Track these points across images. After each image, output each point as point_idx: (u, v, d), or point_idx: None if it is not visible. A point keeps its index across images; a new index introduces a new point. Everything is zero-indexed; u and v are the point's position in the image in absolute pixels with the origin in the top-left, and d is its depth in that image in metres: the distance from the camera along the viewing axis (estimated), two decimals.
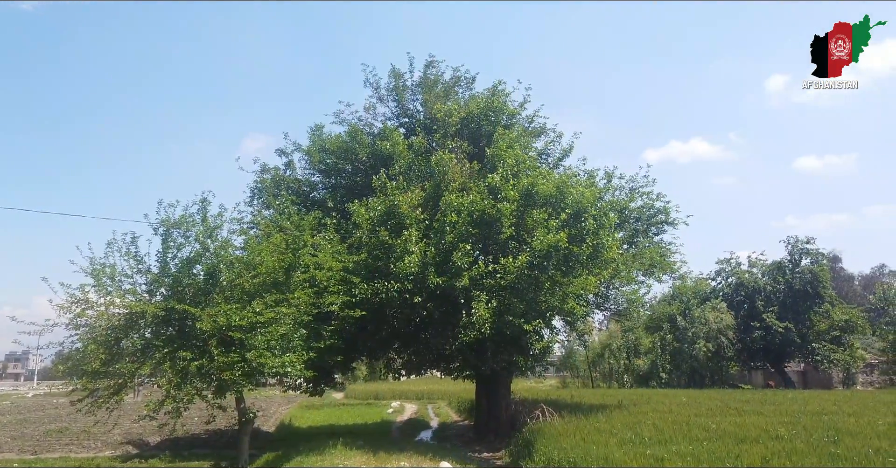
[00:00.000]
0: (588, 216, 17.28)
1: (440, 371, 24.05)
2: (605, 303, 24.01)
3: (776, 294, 44.07)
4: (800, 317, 42.77)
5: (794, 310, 42.98)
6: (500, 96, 20.44)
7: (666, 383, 42.29)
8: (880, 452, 11.49)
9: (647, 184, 23.43)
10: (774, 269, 45.08)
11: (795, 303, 43.29)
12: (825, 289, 43.65)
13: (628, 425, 16.41)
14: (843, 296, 54.27)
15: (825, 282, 43.98)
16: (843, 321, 42.97)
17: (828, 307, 43.38)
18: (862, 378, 46.70)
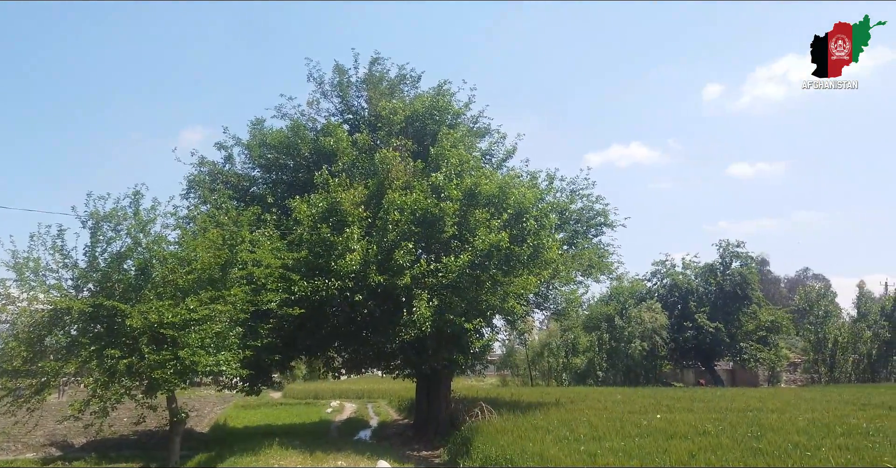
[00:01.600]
0: (529, 217, 17.53)
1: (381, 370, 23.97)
2: (544, 302, 24.39)
3: (708, 295, 45.68)
4: (729, 318, 44.44)
5: (724, 311, 44.63)
6: (446, 96, 20.49)
7: (602, 381, 43.28)
8: (799, 447, 12.03)
9: (587, 186, 23.95)
10: (706, 272, 46.70)
11: (726, 304, 44.96)
12: (753, 291, 45.49)
13: (564, 422, 16.71)
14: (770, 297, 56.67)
15: (753, 284, 45.84)
16: (770, 322, 44.87)
17: (755, 308, 45.21)
18: (786, 376, 48.94)
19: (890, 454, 10.97)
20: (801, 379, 49.38)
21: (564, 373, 44.62)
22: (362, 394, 39.95)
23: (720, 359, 47.55)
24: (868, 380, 45.40)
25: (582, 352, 44.79)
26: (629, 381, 42.80)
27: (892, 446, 11.85)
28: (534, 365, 46.37)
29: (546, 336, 45.16)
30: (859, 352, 47.46)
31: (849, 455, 11.07)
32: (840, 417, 17.21)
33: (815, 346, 47.94)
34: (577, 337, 44.45)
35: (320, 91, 21.54)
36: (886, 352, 47.27)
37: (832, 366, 47.44)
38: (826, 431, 14.34)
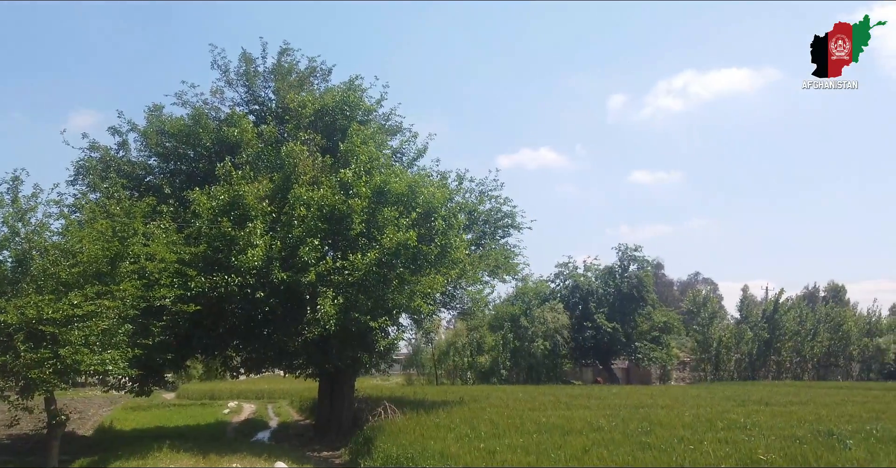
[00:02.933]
0: (438, 216, 17.59)
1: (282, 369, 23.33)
2: (451, 302, 24.57)
3: (607, 296, 47.54)
4: (626, 319, 46.44)
5: (621, 312, 46.58)
6: (357, 91, 20.21)
7: (506, 380, 44.17)
8: (683, 441, 12.72)
9: (496, 188, 24.34)
10: (606, 274, 48.60)
11: (623, 305, 46.95)
12: (649, 294, 47.76)
13: (466, 420, 16.91)
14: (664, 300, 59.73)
15: (649, 286, 48.12)
16: (662, 323, 47.27)
17: (650, 309, 47.48)
18: (675, 374, 51.71)
19: (763, 446, 11.77)
20: (689, 377, 52.32)
21: (469, 372, 45.19)
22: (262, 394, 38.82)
23: (616, 358, 49.63)
24: (749, 378, 48.69)
25: (487, 351, 45.51)
26: (531, 380, 43.92)
27: (766, 439, 12.73)
28: (440, 364, 46.68)
29: (452, 335, 45.56)
30: (741, 352, 50.84)
31: (727, 448, 11.78)
32: (722, 413, 18.36)
33: (702, 346, 50.95)
34: (482, 336, 45.13)
35: (225, 79, 20.72)
36: (765, 352, 50.89)
37: (717, 364, 50.59)
38: (708, 426, 15.24)
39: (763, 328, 50.65)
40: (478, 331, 44.67)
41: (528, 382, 42.57)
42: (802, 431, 13.83)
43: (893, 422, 15.10)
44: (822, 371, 52.02)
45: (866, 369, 51.88)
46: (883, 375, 50.15)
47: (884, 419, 15.95)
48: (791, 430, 14.04)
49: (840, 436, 12.73)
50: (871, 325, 54.06)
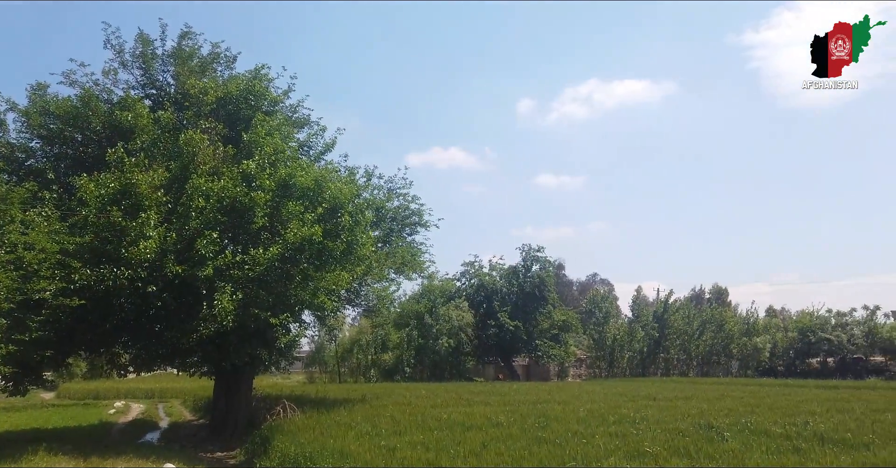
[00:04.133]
0: (345, 212, 17.33)
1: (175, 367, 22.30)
2: (356, 298, 24.37)
3: (510, 295, 48.60)
4: (528, 317, 47.63)
5: (523, 311, 47.74)
6: (263, 80, 19.56)
7: (410, 377, 44.28)
8: (577, 434, 13.20)
9: (404, 185, 24.35)
10: (510, 273, 49.66)
11: (525, 304, 48.14)
12: (550, 293, 49.21)
13: (368, 418, 16.87)
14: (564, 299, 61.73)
15: (550, 286, 49.59)
16: (562, 321, 48.84)
17: (550, 308, 48.93)
18: (573, 371, 53.61)
19: (650, 439, 12.39)
20: (585, 373, 54.39)
21: (373, 370, 44.95)
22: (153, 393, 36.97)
23: (518, 356, 50.84)
24: (640, 375, 51.20)
25: (392, 349, 45.45)
26: (435, 377, 44.26)
27: (652, 432, 13.42)
28: (343, 361, 46.17)
29: (357, 332, 45.18)
30: (633, 350, 53.39)
31: (617, 441, 12.32)
32: (614, 408, 19.19)
33: (597, 344, 53.11)
34: (387, 333, 45.02)
35: (119, 60, 19.44)
36: (655, 350, 53.70)
37: (611, 361, 52.89)
38: (601, 420, 15.88)
39: (654, 327, 53.43)
40: (383, 328, 44.52)
41: (431, 380, 42.85)
42: (685, 424, 14.66)
43: (765, 416, 16.29)
44: (706, 368, 55.44)
45: (744, 366, 55.72)
46: (759, 372, 54.02)
47: (757, 413, 17.17)
48: (675, 424, 14.85)
49: (718, 429, 13.59)
50: (750, 326, 58.14)
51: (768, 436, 12.59)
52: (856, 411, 17.32)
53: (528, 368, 52.21)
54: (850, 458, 10.09)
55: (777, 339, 55.98)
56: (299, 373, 48.07)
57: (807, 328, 54.78)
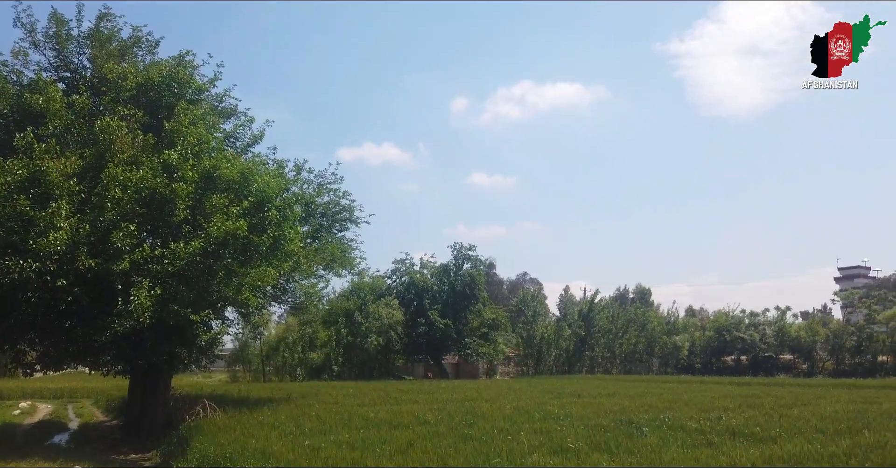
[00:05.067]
0: (272, 206, 16.91)
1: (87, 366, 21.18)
2: (283, 295, 23.82)
3: (441, 294, 48.69)
4: (458, 315, 47.87)
5: (454, 309, 47.93)
6: (188, 68, 18.76)
7: (338, 376, 43.75)
8: (503, 431, 13.30)
9: (335, 181, 24.05)
10: (441, 272, 49.76)
11: (456, 302, 48.33)
12: (480, 292, 49.59)
13: (292, 418, 16.53)
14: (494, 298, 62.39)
15: (481, 285, 49.98)
16: (492, 320, 49.33)
17: (480, 307, 49.32)
18: (501, 369, 54.29)
19: (573, 435, 12.62)
20: (513, 371, 55.16)
21: (300, 368, 44.11)
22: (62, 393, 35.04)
23: (448, 354, 51.06)
24: (566, 372, 52.32)
25: (320, 347, 44.75)
26: (364, 375, 43.87)
27: (576, 428, 13.67)
28: (268, 360, 45.11)
29: (283, 330, 44.22)
30: (560, 348, 54.53)
31: (542, 437, 12.48)
32: (539, 405, 19.49)
33: (526, 342, 53.96)
34: (315, 331, 44.26)
35: (30, 40, 18.23)
36: (581, 348, 55.01)
37: (538, 359, 53.83)
38: (527, 417, 16.07)
39: (580, 326, 54.72)
40: (310, 326, 43.74)
41: (360, 378, 42.47)
42: (607, 420, 15.01)
43: (682, 412, 16.88)
44: (629, 365, 57.24)
45: (665, 364, 57.85)
46: (678, 369, 56.16)
47: (675, 409, 17.78)
48: (598, 420, 15.18)
49: (638, 425, 13.98)
50: (671, 325, 60.44)
51: (684, 431, 13.03)
52: (765, 406, 18.19)
53: (457, 366, 52.50)
54: (758, 451, 10.54)
55: (695, 338, 58.36)
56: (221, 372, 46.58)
57: (723, 327, 57.35)
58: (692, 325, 61.80)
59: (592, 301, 56.80)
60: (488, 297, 52.61)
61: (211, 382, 39.89)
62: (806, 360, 53.45)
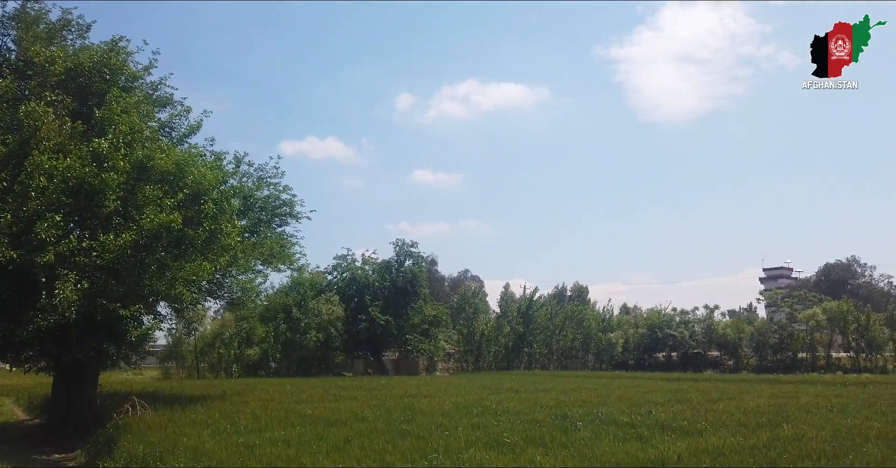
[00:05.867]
0: (209, 199, 16.44)
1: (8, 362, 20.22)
2: (219, 290, 23.24)
3: (382, 290, 48.49)
4: (399, 312, 47.77)
5: (395, 305, 47.81)
6: (121, 53, 18.00)
7: (275, 372, 43.02)
8: (441, 427, 13.38)
9: (276, 174, 23.60)
10: (383, 268, 49.54)
11: (397, 298, 48.22)
12: (422, 288, 49.62)
13: (227, 415, 16.22)
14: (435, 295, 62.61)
15: (423, 281, 50.01)
16: (432, 316, 49.43)
17: (422, 304, 49.37)
18: (441, 365, 54.50)
19: (509, 429, 12.83)
20: (453, 367, 55.47)
21: (236, 365, 43.13)
22: None
23: (388, 350, 50.92)
24: (505, 368, 52.97)
25: (257, 343, 43.89)
26: (302, 372, 43.29)
27: (512, 423, 13.91)
28: (203, 356, 43.94)
29: (219, 326, 43.14)
30: (500, 344, 55.16)
31: (479, 432, 12.64)
32: (478, 400, 19.70)
33: (466, 339, 54.36)
34: (252, 327, 43.36)
35: None
36: (520, 344, 55.80)
37: (478, 356, 54.31)
38: (465, 413, 16.24)
39: (519, 323, 55.48)
40: (248, 321, 42.82)
41: (298, 375, 41.89)
42: (543, 415, 15.31)
43: (615, 406, 17.38)
44: (565, 361, 58.39)
45: (600, 360, 59.28)
46: (612, 365, 57.65)
47: (608, 403, 18.28)
48: (534, 415, 15.47)
49: (572, 419, 14.32)
50: (606, 322, 61.97)
51: (616, 425, 13.41)
52: (693, 401, 18.90)
53: (397, 363, 52.42)
54: (684, 444, 10.94)
55: (629, 335, 60.01)
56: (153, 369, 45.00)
57: (655, 325, 59.16)
58: (626, 323, 63.52)
59: (532, 298, 57.66)
60: (430, 294, 52.71)
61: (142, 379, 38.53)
62: (732, 357, 55.66)
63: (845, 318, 49.76)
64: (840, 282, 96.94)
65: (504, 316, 57.79)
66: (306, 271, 45.73)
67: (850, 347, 49.88)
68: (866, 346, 48.69)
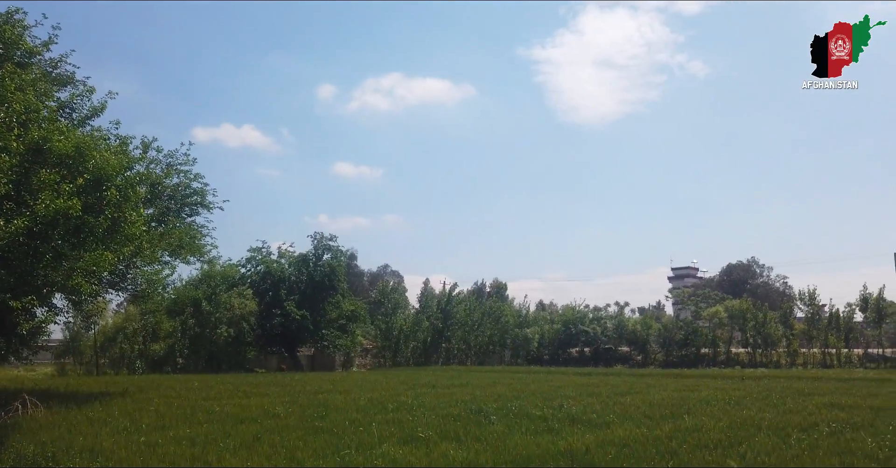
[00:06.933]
0: (112, 185, 15.55)
1: None
2: (122, 282, 22.07)
3: (299, 284, 47.49)
4: (316, 306, 46.94)
5: (312, 300, 46.94)
6: (17, 26, 16.74)
7: (182, 369, 41.34)
8: (355, 423, 13.22)
9: (187, 162, 22.65)
10: (300, 261, 48.52)
11: (314, 293, 47.33)
12: (340, 283, 48.92)
13: (128, 413, 15.55)
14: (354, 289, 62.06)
15: (341, 276, 49.30)
16: (350, 311, 48.87)
17: (339, 298, 48.70)
18: (358, 361, 54.01)
19: (423, 424, 12.81)
20: (370, 363, 55.12)
21: (139, 361, 41.09)
22: None
23: (303, 346, 49.94)
24: (422, 364, 53.08)
25: (163, 338, 41.98)
26: (211, 368, 41.81)
27: (427, 418, 13.91)
28: (104, 352, 41.59)
29: (122, 320, 40.93)
30: (418, 340, 55.23)
31: (393, 428, 12.56)
32: (394, 396, 19.61)
33: (384, 334, 54.10)
34: (159, 321, 41.42)
35: None
36: (438, 340, 56.06)
37: (396, 351, 54.19)
38: (380, 408, 16.12)
39: (438, 318, 55.74)
40: (154, 315, 40.88)
41: (207, 371, 40.41)
42: (458, 409, 15.40)
43: (529, 400, 17.70)
44: (483, 357, 59.16)
45: (516, 355, 60.43)
46: (528, 360, 58.90)
47: (522, 398, 18.61)
48: (449, 409, 15.54)
49: (486, 413, 14.47)
50: (522, 318, 63.22)
51: (529, 419, 13.65)
52: (602, 395, 19.52)
53: (313, 359, 51.56)
54: (593, 436, 11.26)
55: (545, 331, 61.46)
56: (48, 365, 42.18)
57: (570, 321, 60.88)
58: (542, 319, 65.03)
59: (451, 294, 58.04)
60: (348, 289, 52.08)
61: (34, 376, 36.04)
62: (640, 352, 58.00)
63: (745, 316, 52.78)
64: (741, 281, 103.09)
65: (423, 311, 57.89)
66: (218, 264, 44.12)
67: (748, 343, 52.94)
68: (762, 343, 51.82)
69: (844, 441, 10.62)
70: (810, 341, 51.46)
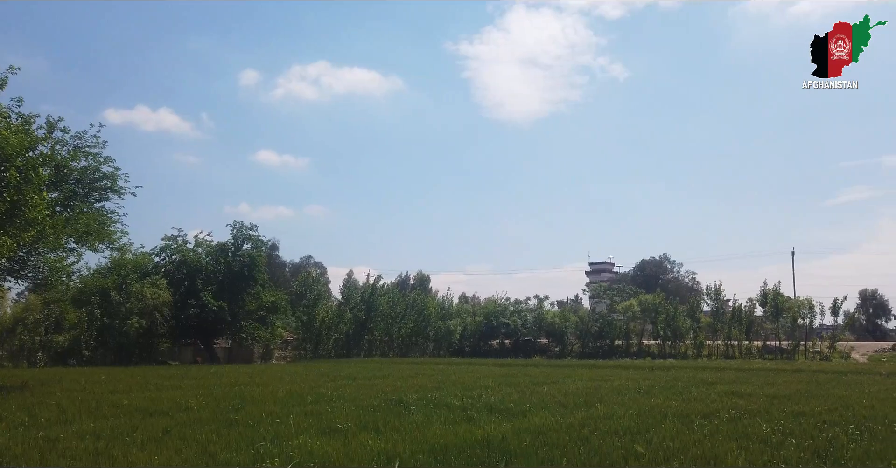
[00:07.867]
0: (12, 166, 14.60)
1: None
2: (22, 269, 20.78)
3: (217, 274, 46.06)
4: (234, 298, 45.67)
5: (230, 291, 45.64)
6: None
7: (89, 361, 39.35)
8: (272, 415, 12.95)
9: (96, 144, 21.54)
10: (218, 251, 47.06)
11: (233, 283, 46.06)
12: (260, 273, 47.77)
13: (25, 407, 14.70)
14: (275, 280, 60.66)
15: (261, 266, 48.14)
16: (270, 302, 47.85)
17: (259, 289, 47.57)
18: (278, 353, 52.97)
19: (342, 415, 12.71)
20: (290, 355, 54.14)
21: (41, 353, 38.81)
22: None
23: (220, 338, 48.51)
24: (344, 356, 52.64)
25: (68, 329, 39.80)
26: (121, 361, 40.01)
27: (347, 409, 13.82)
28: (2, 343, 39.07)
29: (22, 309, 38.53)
30: (340, 332, 54.72)
31: (311, 419, 12.38)
32: (313, 388, 19.36)
33: (305, 326, 53.28)
34: (63, 311, 39.21)
35: None
36: (361, 332, 55.72)
37: (317, 343, 53.49)
38: (299, 400, 15.87)
39: (361, 310, 55.38)
40: (58, 305, 38.66)
41: (116, 363, 38.63)
42: (378, 401, 15.37)
43: (449, 391, 17.87)
44: (406, 349, 59.27)
45: (438, 347, 60.87)
46: (450, 352, 59.47)
47: (443, 388, 18.77)
48: (369, 400, 15.48)
49: (406, 404, 14.52)
50: (445, 310, 63.70)
51: (448, 408, 13.79)
52: (521, 385, 19.95)
53: (230, 351, 50.17)
54: (510, 424, 11.49)
55: (467, 323, 62.17)
56: None
57: (491, 313, 61.81)
58: (465, 311, 65.74)
59: (374, 286, 57.75)
60: (269, 279, 50.93)
61: None
62: (558, 344, 59.59)
63: (656, 310, 55.14)
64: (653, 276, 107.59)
65: (346, 303, 57.35)
66: (129, 252, 42.21)
67: (658, 336, 55.34)
68: (672, 335, 54.29)
69: (742, 426, 11.29)
70: (715, 334, 54.27)
